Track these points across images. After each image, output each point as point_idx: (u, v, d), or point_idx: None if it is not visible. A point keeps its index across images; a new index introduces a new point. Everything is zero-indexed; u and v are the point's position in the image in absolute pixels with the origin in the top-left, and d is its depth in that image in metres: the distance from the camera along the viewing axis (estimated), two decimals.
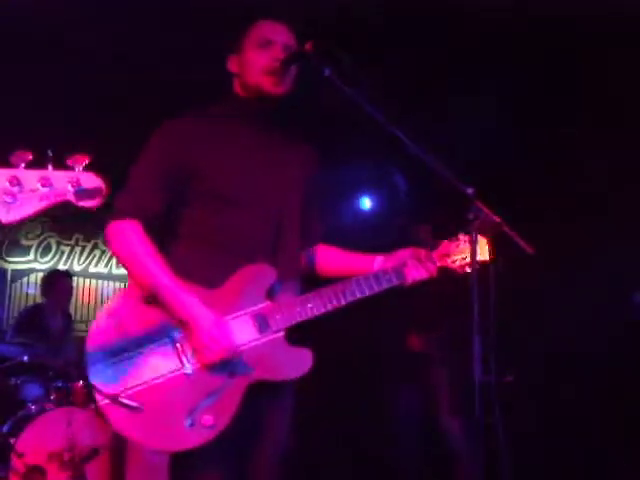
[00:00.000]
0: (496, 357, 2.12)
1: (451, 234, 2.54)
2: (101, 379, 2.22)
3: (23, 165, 1.49)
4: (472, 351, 2.07)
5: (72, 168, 1.52)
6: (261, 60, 2.42)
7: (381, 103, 2.18)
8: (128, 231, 2.32)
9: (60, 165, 1.52)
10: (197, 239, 2.38)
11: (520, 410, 4.50)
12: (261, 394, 2.30)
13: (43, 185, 1.49)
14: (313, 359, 2.32)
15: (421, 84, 5.09)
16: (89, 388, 2.32)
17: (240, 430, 2.25)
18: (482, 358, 2.08)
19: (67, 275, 6.42)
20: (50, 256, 7.98)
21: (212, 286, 2.32)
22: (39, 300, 6.87)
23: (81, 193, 1.51)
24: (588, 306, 4.95)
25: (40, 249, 7.95)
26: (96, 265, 8.11)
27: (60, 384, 4.71)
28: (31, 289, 7.78)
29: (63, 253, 8.06)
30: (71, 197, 1.52)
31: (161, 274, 2.27)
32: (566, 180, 5.17)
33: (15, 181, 1.47)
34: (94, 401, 2.27)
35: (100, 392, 2.19)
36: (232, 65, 2.53)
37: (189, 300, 2.25)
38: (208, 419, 2.18)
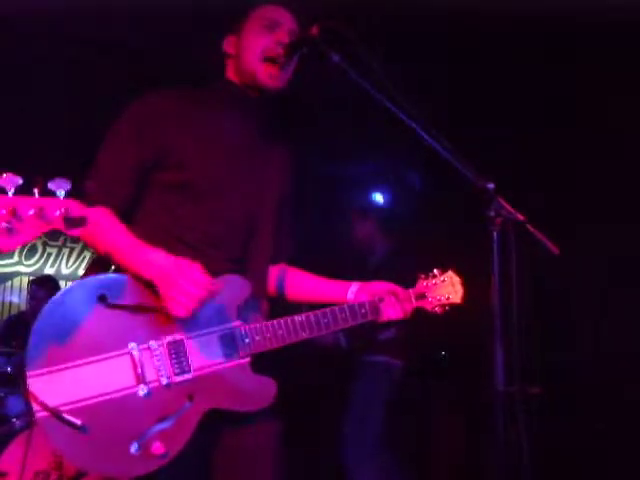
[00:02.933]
0: (521, 366, 2.11)
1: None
2: (41, 386, 2.05)
3: (12, 190, 1.58)
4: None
5: (54, 193, 1.63)
6: (264, 43, 2.38)
7: (397, 91, 2.16)
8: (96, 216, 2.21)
9: (42, 189, 1.63)
10: (161, 233, 2.28)
11: (548, 424, 4.51)
12: (219, 421, 2.21)
13: (37, 215, 1.58)
14: (276, 390, 2.26)
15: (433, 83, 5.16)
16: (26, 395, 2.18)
17: (190, 462, 2.16)
18: (505, 367, 2.07)
19: (51, 281, 6.42)
20: (36, 258, 7.96)
21: None
22: (24, 308, 6.89)
23: (69, 222, 1.62)
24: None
25: (25, 251, 7.92)
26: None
27: None
28: (14, 297, 7.76)
29: (50, 255, 8.03)
30: (61, 225, 1.62)
31: (123, 236, 2.19)
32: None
33: (13, 211, 1.56)
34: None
35: (39, 402, 2.03)
36: (229, 46, 2.48)
37: (154, 254, 2.16)
38: (159, 447, 2.07)
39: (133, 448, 2.07)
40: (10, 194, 1.57)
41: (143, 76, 5.09)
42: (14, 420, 4.58)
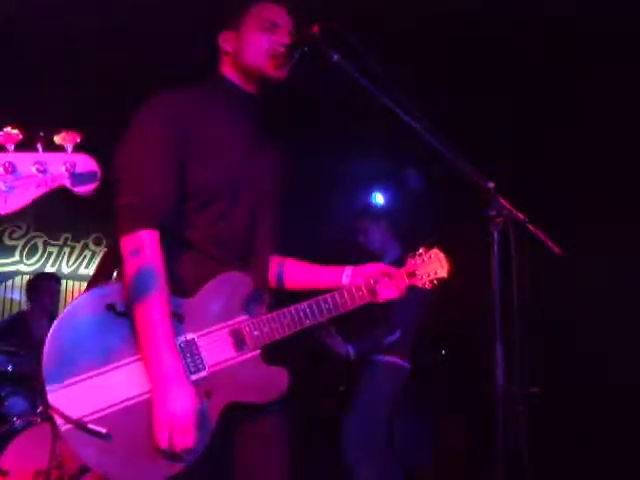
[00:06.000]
0: (521, 366, 2.10)
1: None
2: (62, 399, 2.04)
3: (12, 146, 1.43)
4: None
5: (62, 148, 1.47)
6: (265, 44, 2.38)
7: (396, 91, 2.16)
8: (148, 252, 2.13)
9: (48, 144, 1.47)
10: (172, 240, 2.23)
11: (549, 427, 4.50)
12: (237, 416, 2.24)
13: (39, 170, 1.44)
14: (289, 379, 2.30)
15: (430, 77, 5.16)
16: (48, 410, 2.14)
17: (213, 457, 2.17)
18: (505, 367, 2.07)
19: (53, 278, 6.41)
20: (37, 257, 7.95)
21: (184, 293, 2.21)
22: (25, 307, 6.89)
23: (76, 178, 1.47)
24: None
25: (26, 250, 7.92)
26: (87, 267, 8.07)
27: None
28: (15, 294, 7.75)
29: (51, 254, 8.03)
30: (67, 182, 1.47)
31: (162, 323, 2.09)
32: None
33: (10, 167, 1.42)
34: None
35: (62, 415, 2.02)
36: (225, 43, 2.46)
37: (174, 367, 2.09)
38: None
39: (159, 450, 2.07)
40: (10, 151, 1.42)
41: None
42: (15, 419, 4.56)
